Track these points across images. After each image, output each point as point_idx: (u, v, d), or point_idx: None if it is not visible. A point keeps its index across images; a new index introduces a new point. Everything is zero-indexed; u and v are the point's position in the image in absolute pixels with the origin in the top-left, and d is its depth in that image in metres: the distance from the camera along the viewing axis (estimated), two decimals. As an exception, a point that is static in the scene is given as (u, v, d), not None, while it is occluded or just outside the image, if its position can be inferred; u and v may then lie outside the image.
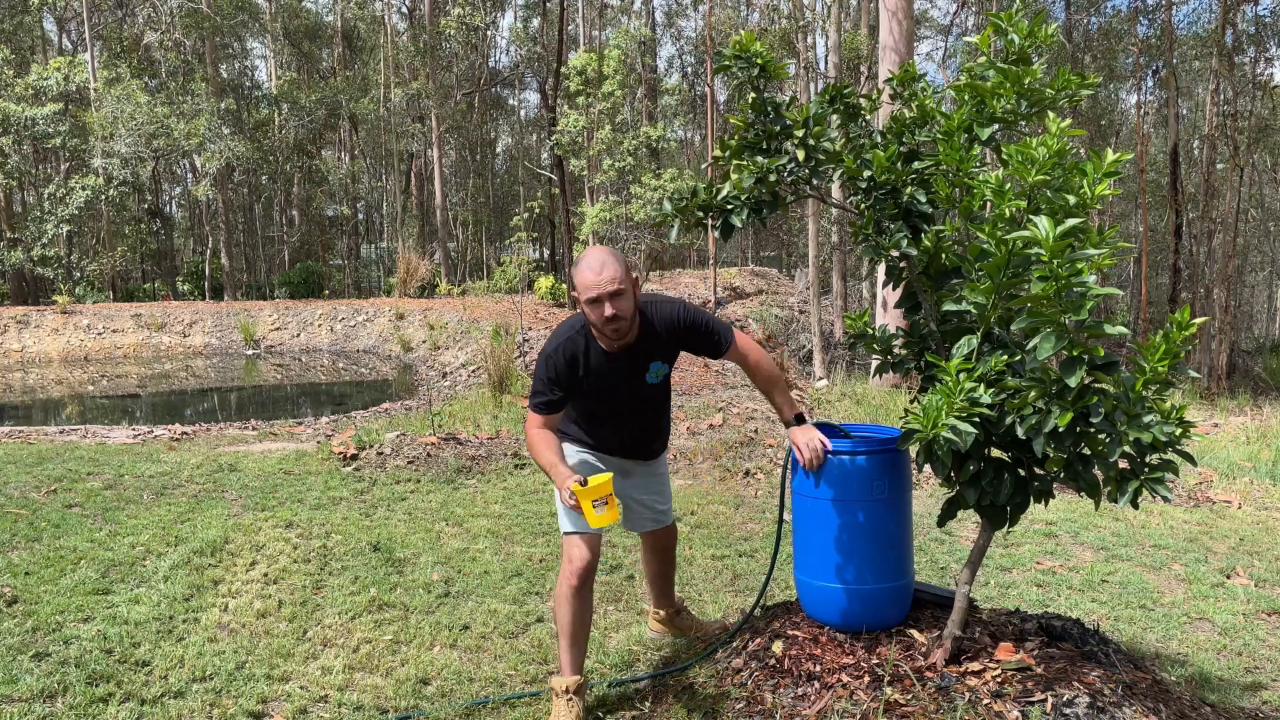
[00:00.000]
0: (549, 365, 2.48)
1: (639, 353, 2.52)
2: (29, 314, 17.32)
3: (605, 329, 2.38)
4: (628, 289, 2.37)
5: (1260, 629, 3.23)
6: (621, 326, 2.37)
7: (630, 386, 2.56)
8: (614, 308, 2.33)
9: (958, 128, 2.21)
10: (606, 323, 2.35)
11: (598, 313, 2.35)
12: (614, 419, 2.65)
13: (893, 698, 2.23)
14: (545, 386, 2.49)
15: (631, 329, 2.44)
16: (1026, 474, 2.22)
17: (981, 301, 2.08)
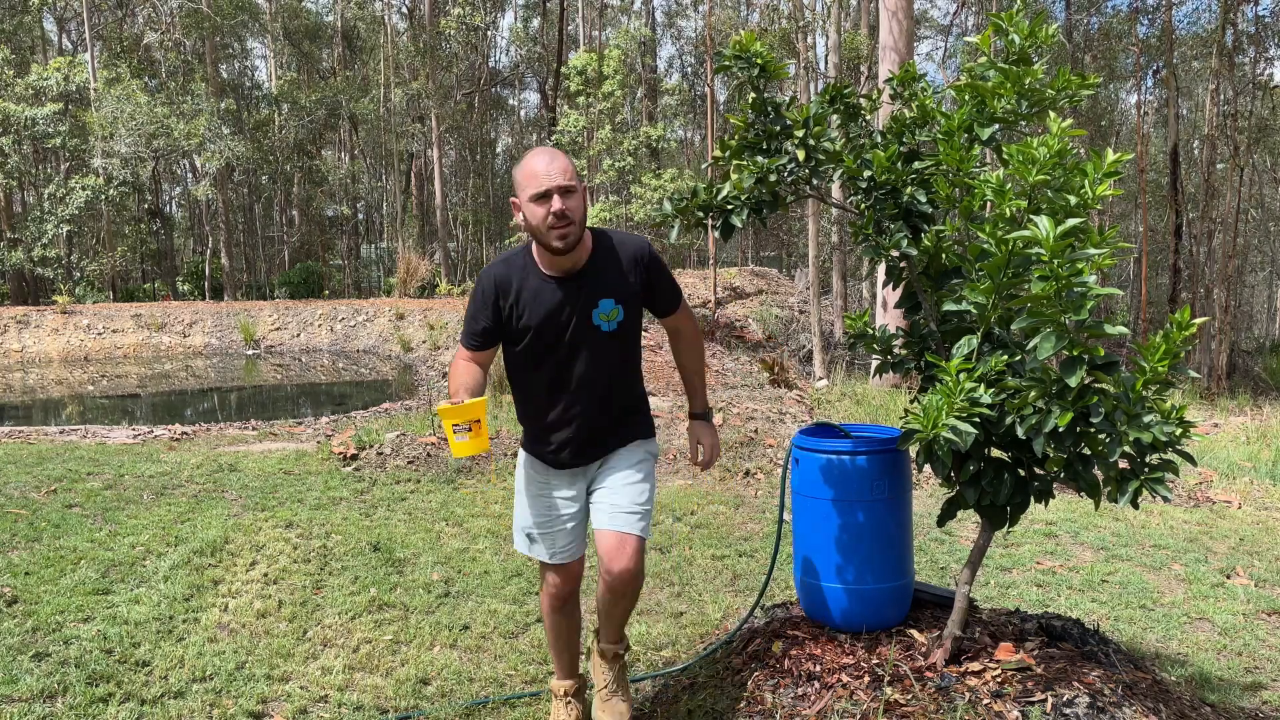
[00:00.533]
0: (477, 289, 2.20)
1: (586, 281, 2.15)
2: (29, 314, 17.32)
3: (551, 233, 2.05)
4: (579, 190, 2.09)
5: (1260, 629, 3.23)
6: (570, 232, 2.05)
7: (576, 329, 2.16)
8: (563, 204, 2.03)
9: (958, 128, 2.21)
10: (554, 224, 2.04)
11: (543, 209, 2.04)
12: (562, 390, 2.21)
13: (893, 698, 2.23)
14: (471, 314, 2.22)
15: (581, 246, 2.12)
16: (1026, 474, 2.22)
17: (982, 301, 2.08)
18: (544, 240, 2.09)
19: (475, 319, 2.21)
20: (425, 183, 29.08)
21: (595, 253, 2.18)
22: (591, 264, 2.17)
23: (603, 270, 2.18)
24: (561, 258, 2.12)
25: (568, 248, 2.08)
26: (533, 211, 2.06)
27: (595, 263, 2.17)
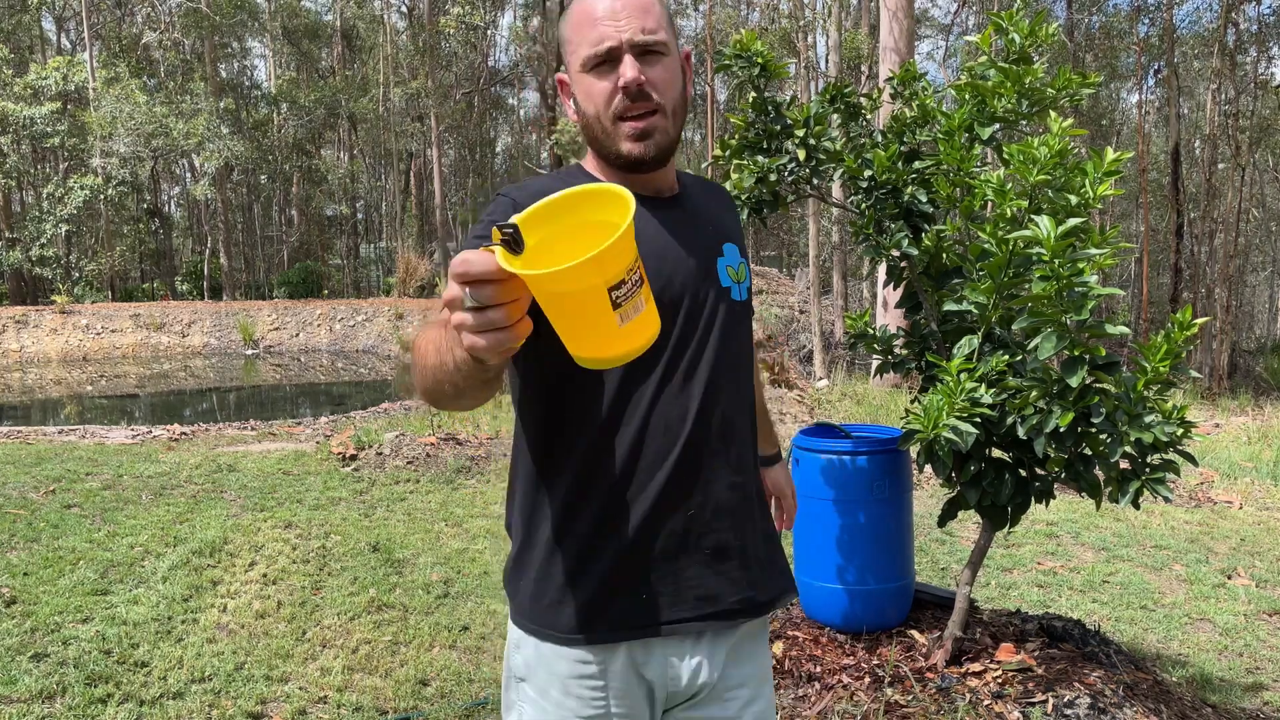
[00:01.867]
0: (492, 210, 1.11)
1: (696, 209, 1.19)
2: (28, 314, 17.30)
3: (620, 128, 1.09)
4: (672, 52, 1.11)
5: (1261, 629, 3.23)
6: (655, 126, 1.09)
7: (699, 293, 1.12)
8: (641, 72, 1.06)
9: (959, 127, 2.20)
10: (624, 110, 1.08)
11: (606, 83, 1.08)
12: (662, 429, 1.06)
13: (893, 698, 2.22)
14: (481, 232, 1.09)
15: (671, 150, 1.13)
16: (1027, 474, 2.22)
17: (982, 301, 2.07)
18: (608, 143, 1.10)
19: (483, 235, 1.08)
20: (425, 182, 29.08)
21: (697, 183, 1.26)
22: (685, 190, 1.21)
23: (706, 201, 1.23)
24: (646, 175, 1.13)
25: (650, 156, 1.09)
26: (589, 90, 1.09)
27: (688, 189, 1.22)
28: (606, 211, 0.79)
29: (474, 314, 0.71)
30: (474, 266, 0.70)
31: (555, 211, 0.80)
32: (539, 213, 0.79)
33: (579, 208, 0.80)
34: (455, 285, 0.72)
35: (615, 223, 0.74)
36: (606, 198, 0.80)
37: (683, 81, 1.15)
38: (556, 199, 0.79)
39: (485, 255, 0.70)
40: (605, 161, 1.16)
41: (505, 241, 0.71)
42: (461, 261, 0.70)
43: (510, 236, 0.71)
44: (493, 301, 0.71)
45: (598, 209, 0.80)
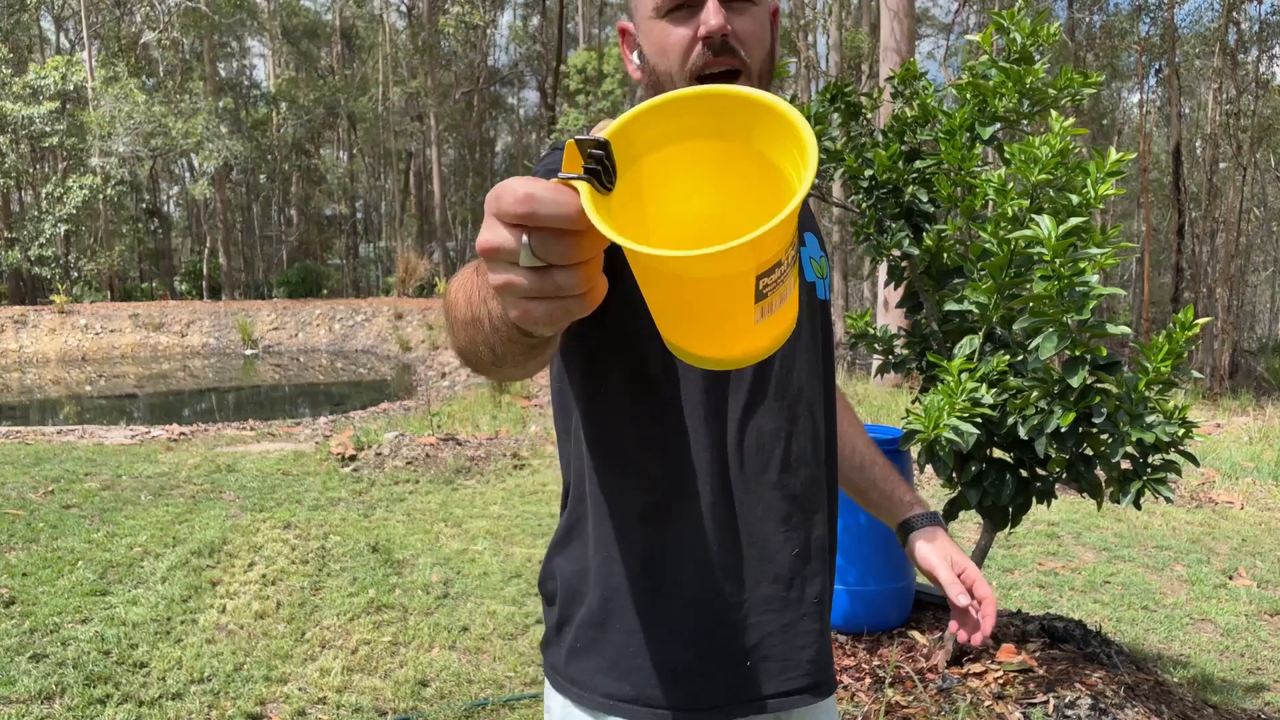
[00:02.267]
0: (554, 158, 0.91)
1: None
2: (26, 314, 17.28)
3: (701, 80, 0.89)
4: (763, 2, 0.93)
5: (1263, 630, 3.23)
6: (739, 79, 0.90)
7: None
8: (725, 19, 0.88)
9: (960, 126, 2.20)
10: (708, 56, 0.89)
11: (685, 31, 0.89)
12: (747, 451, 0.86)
13: (894, 699, 2.22)
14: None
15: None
16: (1028, 474, 2.21)
17: (983, 301, 2.07)
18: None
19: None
20: (424, 182, 29.07)
21: None
22: None
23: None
24: None
25: None
26: (661, 40, 0.91)
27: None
28: (742, 131, 0.50)
29: (532, 275, 0.47)
30: (544, 205, 0.44)
31: (666, 122, 0.50)
32: (642, 121, 0.50)
33: (699, 117, 0.50)
34: (503, 229, 0.47)
35: (762, 155, 0.50)
36: (745, 108, 0.49)
37: (771, 40, 0.94)
38: (671, 100, 0.50)
39: (561, 191, 0.45)
40: None
41: (592, 171, 0.46)
42: (524, 197, 0.45)
43: (599, 163, 0.46)
44: (563, 261, 0.46)
45: (726, 125, 0.50)
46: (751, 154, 0.51)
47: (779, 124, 0.49)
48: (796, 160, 0.48)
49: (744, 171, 0.52)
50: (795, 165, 0.48)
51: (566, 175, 0.46)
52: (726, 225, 0.51)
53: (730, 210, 0.53)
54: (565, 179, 0.46)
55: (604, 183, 0.47)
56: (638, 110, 0.50)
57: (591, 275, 0.48)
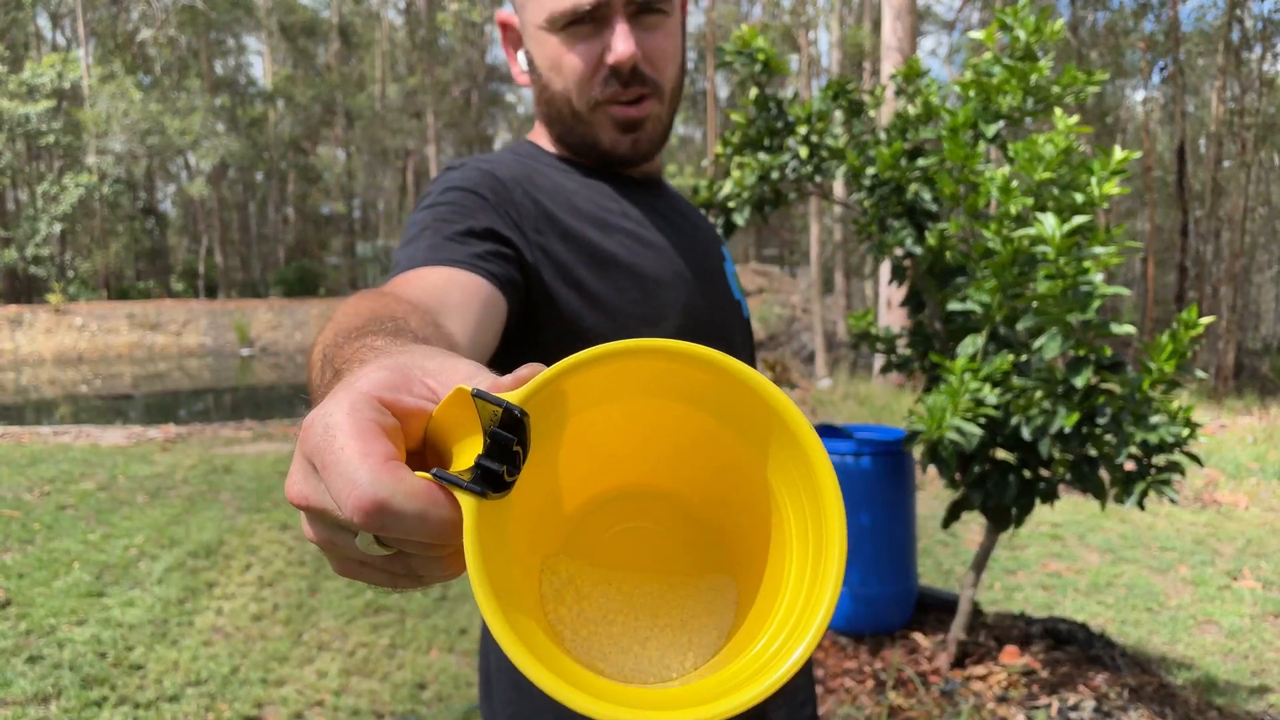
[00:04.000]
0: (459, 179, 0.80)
1: (682, 198, 0.99)
2: (22, 313, 17.23)
3: (604, 114, 0.84)
4: (675, 12, 0.85)
5: (1267, 632, 3.21)
6: (650, 113, 0.84)
7: (721, 302, 0.92)
8: (635, 43, 0.80)
9: (963, 124, 2.18)
10: (615, 88, 0.82)
11: (585, 52, 0.81)
12: None
13: (896, 702, 2.20)
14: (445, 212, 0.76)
15: (665, 141, 0.90)
16: (1032, 475, 2.19)
17: (987, 300, 2.05)
18: (581, 131, 0.85)
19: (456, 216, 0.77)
20: (422, 179, 29.02)
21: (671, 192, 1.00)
22: (677, 197, 0.99)
23: (684, 197, 1.01)
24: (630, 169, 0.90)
25: (642, 152, 0.87)
26: (555, 59, 0.82)
27: (679, 200, 0.99)
28: (737, 419, 0.35)
29: (380, 558, 0.34)
30: (400, 524, 0.30)
31: (626, 369, 0.34)
32: (589, 373, 0.33)
33: (677, 371, 0.34)
34: (326, 512, 0.32)
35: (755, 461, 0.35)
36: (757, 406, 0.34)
37: (682, 46, 0.84)
38: (643, 347, 0.33)
39: (429, 502, 0.30)
40: (570, 149, 0.86)
41: (486, 477, 0.31)
42: (369, 506, 0.29)
43: (501, 452, 0.31)
44: (421, 553, 0.33)
45: (716, 401, 0.35)
46: (739, 447, 0.36)
47: (796, 451, 0.33)
48: (803, 504, 0.34)
49: (721, 463, 0.37)
50: (798, 505, 0.34)
51: (443, 477, 0.30)
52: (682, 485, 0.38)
53: (692, 480, 0.38)
54: (444, 482, 0.30)
55: (503, 482, 0.31)
56: (583, 356, 0.32)
57: (461, 558, 0.32)
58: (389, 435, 0.31)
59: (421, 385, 0.34)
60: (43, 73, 20.98)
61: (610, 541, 0.39)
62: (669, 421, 0.36)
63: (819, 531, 0.33)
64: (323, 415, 0.31)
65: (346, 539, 0.33)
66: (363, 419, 0.31)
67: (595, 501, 0.39)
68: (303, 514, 0.34)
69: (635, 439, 0.37)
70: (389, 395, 0.32)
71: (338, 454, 0.30)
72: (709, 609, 0.37)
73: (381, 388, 0.32)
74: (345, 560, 0.35)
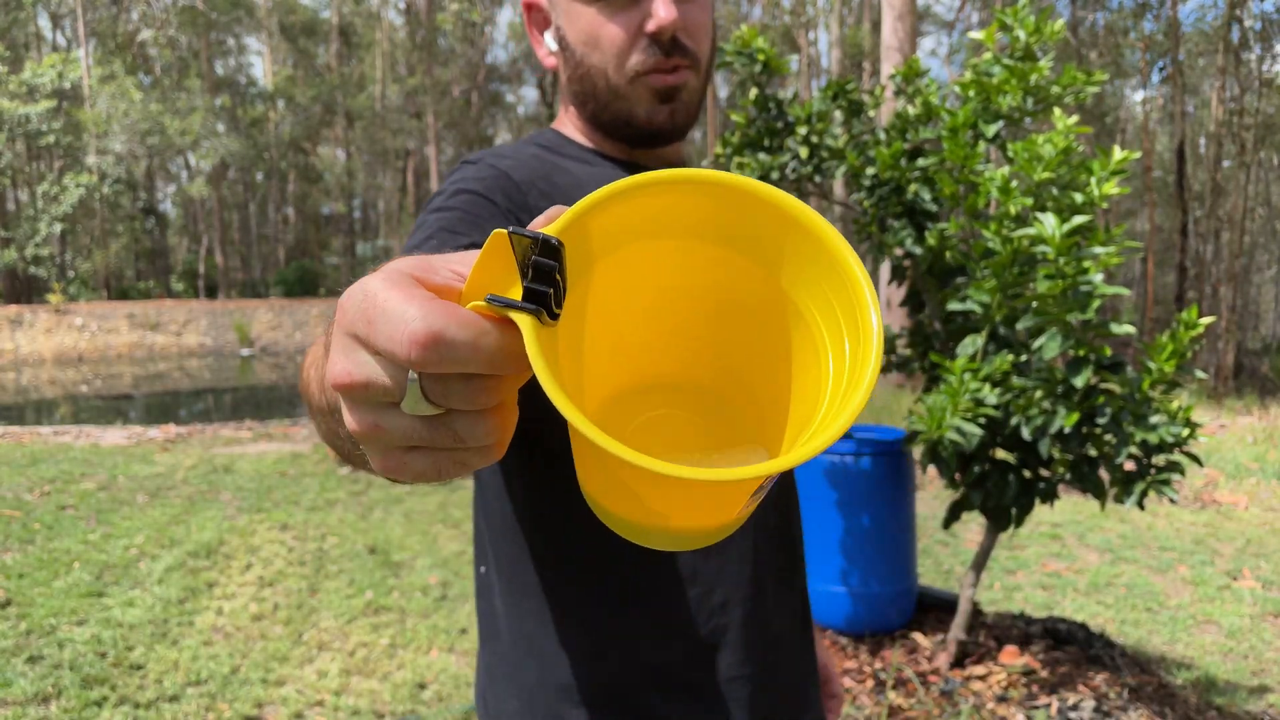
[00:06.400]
0: (463, 179, 0.76)
1: None
2: (22, 313, 17.23)
3: (644, 84, 0.80)
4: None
5: (1267, 631, 3.21)
6: (685, 81, 0.81)
7: None
8: (676, 12, 0.77)
9: (962, 124, 2.18)
10: (657, 57, 0.79)
11: (624, 22, 0.78)
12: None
13: (896, 702, 2.20)
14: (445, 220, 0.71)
15: (697, 115, 0.86)
16: (1032, 475, 2.19)
17: (987, 300, 2.05)
18: (617, 105, 0.82)
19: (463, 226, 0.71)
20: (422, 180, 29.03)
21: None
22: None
23: None
24: (659, 150, 0.87)
25: (679, 124, 0.84)
26: (592, 31, 0.79)
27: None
28: (754, 244, 0.36)
29: (418, 422, 0.33)
30: (458, 352, 0.30)
31: (644, 205, 0.35)
32: (609, 207, 0.34)
33: (693, 206, 0.35)
34: (371, 358, 0.32)
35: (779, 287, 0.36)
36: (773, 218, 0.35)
37: (713, 21, 0.83)
38: (658, 180, 0.34)
39: (483, 330, 0.30)
40: (602, 129, 0.83)
41: (536, 295, 0.31)
42: (426, 339, 0.30)
43: (546, 278, 0.31)
44: (470, 406, 0.32)
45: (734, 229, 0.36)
46: (762, 278, 0.36)
47: (822, 257, 0.34)
48: (835, 312, 0.34)
49: (746, 297, 0.37)
50: (828, 315, 0.34)
51: (499, 301, 0.30)
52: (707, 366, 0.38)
53: (718, 343, 0.38)
54: (499, 305, 0.30)
55: (552, 309, 0.31)
56: (606, 192, 0.33)
57: (505, 420, 0.33)
58: (429, 289, 0.32)
59: (446, 270, 0.34)
60: (43, 73, 20.98)
61: (637, 430, 0.40)
62: (685, 263, 0.37)
63: (851, 318, 0.33)
64: (358, 286, 0.32)
65: (392, 417, 0.32)
66: (401, 277, 0.32)
67: (619, 393, 0.39)
68: (344, 403, 0.34)
69: (653, 298, 0.38)
70: (419, 273, 0.33)
71: (383, 304, 0.31)
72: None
73: (410, 267, 0.33)
74: (389, 450, 0.34)
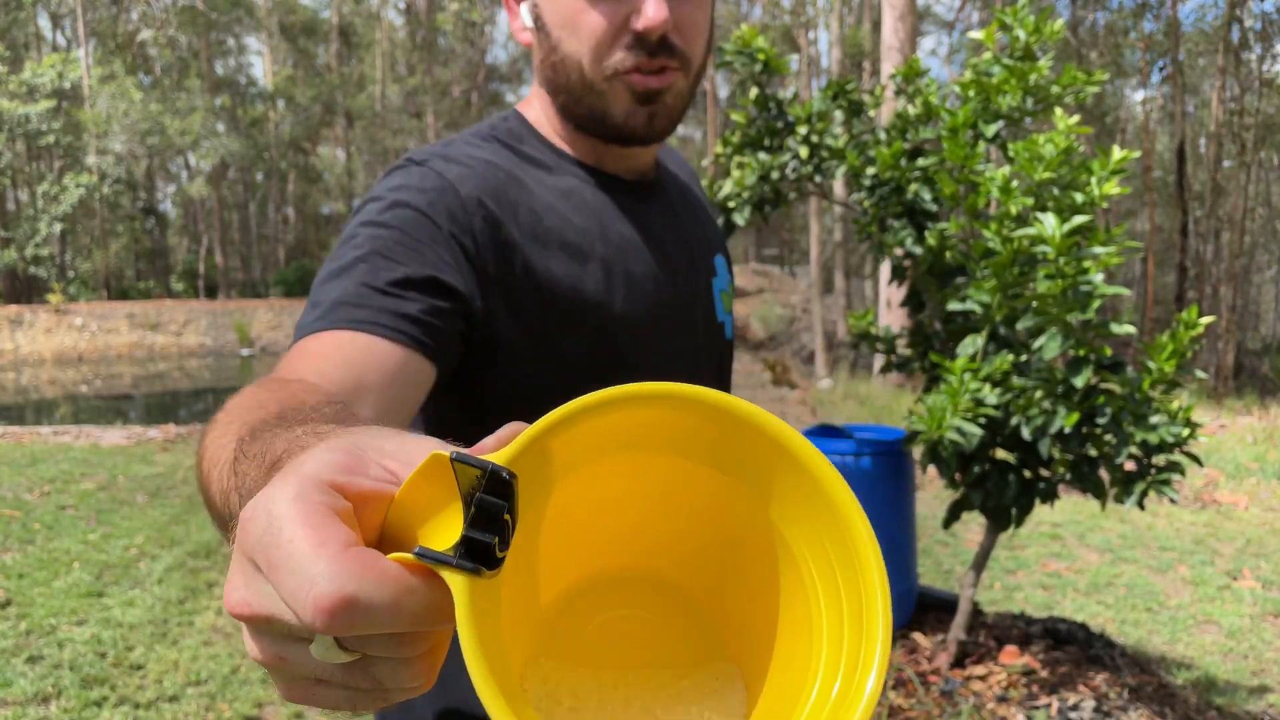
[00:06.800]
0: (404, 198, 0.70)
1: (679, 195, 0.92)
2: (22, 313, 17.23)
3: (623, 82, 0.74)
4: None
5: (1267, 632, 3.21)
6: (671, 84, 0.76)
7: (702, 322, 0.87)
8: (667, 8, 0.71)
9: (963, 124, 2.18)
10: (640, 56, 0.73)
11: (608, 12, 0.72)
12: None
13: (896, 702, 2.21)
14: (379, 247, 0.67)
15: (680, 120, 0.81)
16: (1032, 475, 2.19)
17: (987, 300, 2.05)
18: (592, 100, 0.77)
19: (398, 252, 0.67)
20: (422, 180, 29.01)
21: (670, 174, 0.94)
22: (661, 164, 0.92)
23: (681, 184, 0.94)
24: (634, 150, 0.83)
25: (658, 129, 0.79)
26: (573, 18, 0.74)
27: (661, 161, 0.93)
28: (740, 467, 0.31)
29: (339, 666, 0.29)
30: (376, 617, 0.26)
31: (613, 420, 0.30)
32: (575, 427, 0.29)
33: (668, 419, 0.30)
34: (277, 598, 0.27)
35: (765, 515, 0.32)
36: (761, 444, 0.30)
37: (712, 18, 0.78)
38: (631, 394, 0.29)
39: (408, 588, 0.26)
40: (573, 121, 0.77)
41: (476, 549, 0.26)
42: (338, 602, 0.25)
43: (492, 521, 0.27)
44: (393, 655, 0.28)
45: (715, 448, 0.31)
46: (746, 503, 0.32)
47: (816, 496, 0.29)
48: (826, 550, 0.30)
49: (728, 518, 0.32)
50: (818, 553, 0.30)
51: (429, 556, 0.26)
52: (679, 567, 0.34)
53: (693, 553, 0.34)
54: (429, 561, 0.26)
55: (494, 558, 0.26)
56: (574, 408, 0.28)
57: (435, 659, 0.29)
58: (345, 520, 0.27)
59: (378, 467, 0.29)
60: (43, 73, 20.98)
61: (596, 633, 0.35)
62: (663, 479, 0.32)
63: (853, 585, 0.28)
64: (264, 504, 0.27)
65: (299, 652, 0.28)
66: (313, 503, 0.26)
67: (577, 588, 0.35)
68: (245, 628, 0.29)
69: (622, 508, 0.33)
70: (342, 478, 0.28)
71: (287, 547, 0.25)
72: (719, 704, 0.32)
73: (332, 470, 0.28)
74: (295, 680, 0.29)
